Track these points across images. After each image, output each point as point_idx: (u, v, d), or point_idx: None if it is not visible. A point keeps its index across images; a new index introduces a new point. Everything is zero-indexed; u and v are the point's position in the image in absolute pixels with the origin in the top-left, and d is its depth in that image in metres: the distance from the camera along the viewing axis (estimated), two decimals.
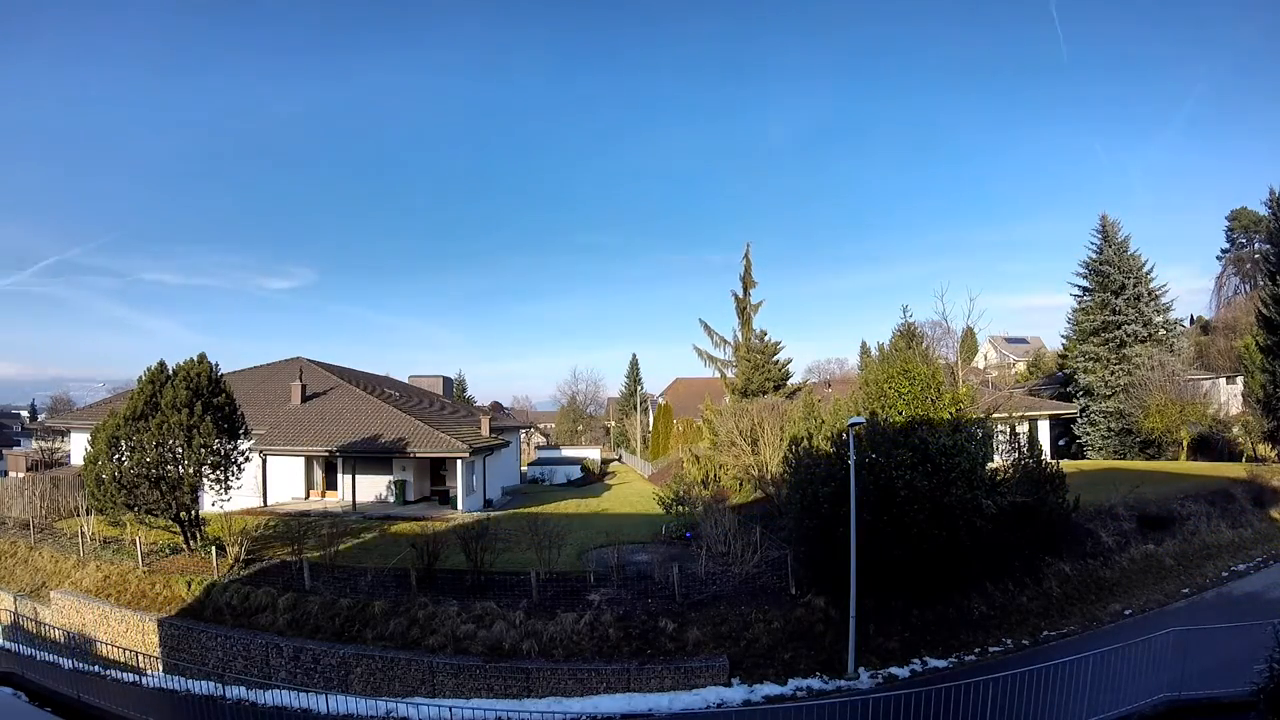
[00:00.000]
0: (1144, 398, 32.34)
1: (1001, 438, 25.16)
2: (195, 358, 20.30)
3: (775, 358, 40.09)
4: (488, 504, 29.92)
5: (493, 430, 34.32)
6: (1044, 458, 20.45)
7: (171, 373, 19.76)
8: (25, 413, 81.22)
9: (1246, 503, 21.44)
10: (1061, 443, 38.32)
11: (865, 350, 49.42)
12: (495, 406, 62.28)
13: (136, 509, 18.70)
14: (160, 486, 18.63)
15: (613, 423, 79.68)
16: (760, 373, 38.75)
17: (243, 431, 20.94)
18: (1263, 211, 39.46)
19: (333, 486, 28.54)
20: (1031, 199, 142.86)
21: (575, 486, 41.73)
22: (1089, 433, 36.82)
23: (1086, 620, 15.54)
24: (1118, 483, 22.21)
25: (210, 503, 19.90)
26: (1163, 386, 31.90)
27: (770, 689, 13.33)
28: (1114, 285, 36.37)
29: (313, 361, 34.27)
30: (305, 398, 30.23)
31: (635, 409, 69.40)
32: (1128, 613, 15.76)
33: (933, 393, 17.14)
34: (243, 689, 13.73)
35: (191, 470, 18.91)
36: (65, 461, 37.03)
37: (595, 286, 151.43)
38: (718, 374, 42.51)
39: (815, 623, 14.92)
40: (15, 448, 56.37)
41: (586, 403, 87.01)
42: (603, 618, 14.82)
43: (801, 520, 16.38)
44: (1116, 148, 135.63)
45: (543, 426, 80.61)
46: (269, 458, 27.21)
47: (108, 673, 14.50)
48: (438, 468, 29.84)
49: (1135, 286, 36.06)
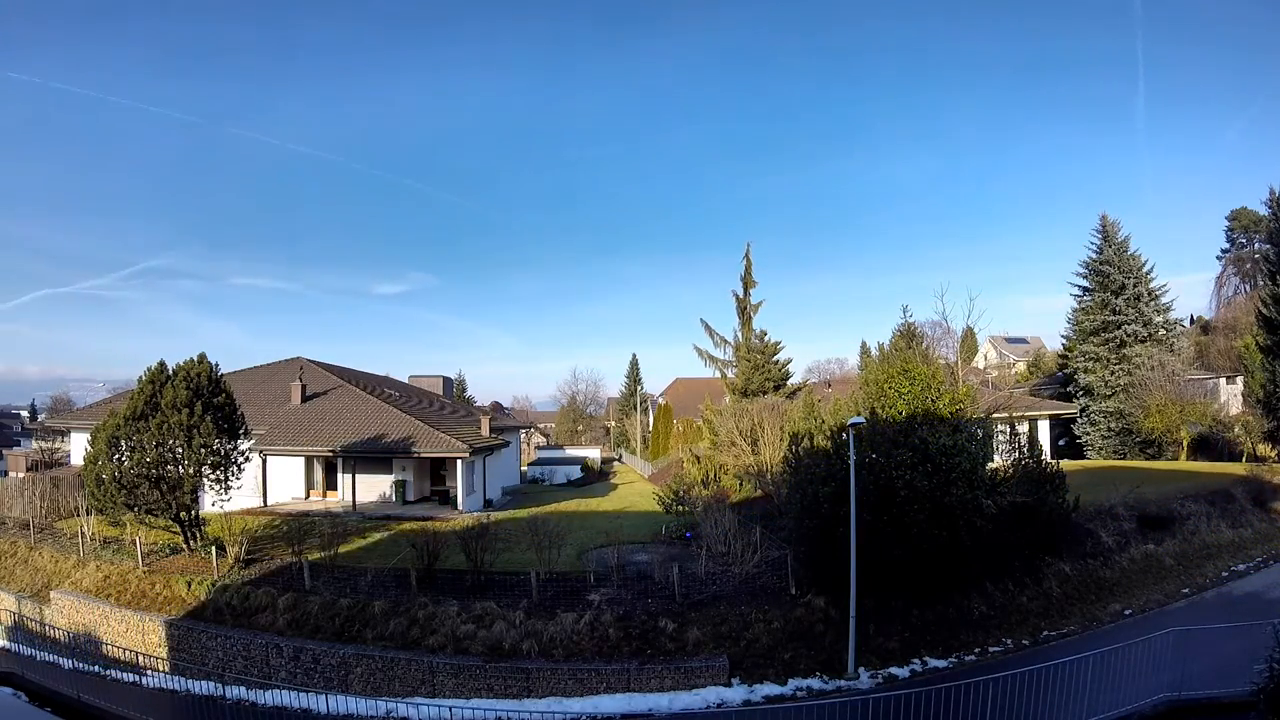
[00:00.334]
0: (1144, 397, 32.36)
1: (1001, 438, 25.17)
2: (195, 358, 20.32)
3: (775, 358, 40.11)
4: (488, 504, 29.91)
5: (493, 430, 34.34)
6: (1044, 458, 20.45)
7: (171, 373, 19.76)
8: (25, 413, 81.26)
9: (1246, 502, 21.45)
10: (1061, 443, 38.31)
11: (865, 350, 49.46)
12: (495, 406, 62.30)
13: (136, 509, 18.71)
14: (160, 486, 18.65)
15: (613, 423, 79.69)
16: (760, 373, 38.77)
17: (243, 431, 20.95)
18: (1263, 211, 39.55)
19: (333, 487, 28.55)
20: (1032, 199, 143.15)
21: (575, 486, 41.76)
22: (1089, 433, 36.82)
23: (1086, 620, 15.54)
24: (1118, 483, 22.19)
25: (210, 503, 19.91)
26: (1163, 386, 31.93)
27: (770, 689, 13.33)
28: (1114, 285, 36.37)
29: (313, 361, 34.29)
30: (305, 398, 30.24)
31: (635, 409, 69.39)
32: (1128, 613, 15.76)
33: (933, 393, 17.15)
34: (243, 689, 13.76)
35: (191, 470, 18.92)
36: (65, 461, 37.00)
37: (595, 286, 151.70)
38: (718, 374, 42.56)
39: (815, 623, 14.93)
40: (15, 448, 56.39)
41: (586, 403, 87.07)
42: (603, 618, 14.81)
43: (801, 520, 16.39)
44: (1116, 148, 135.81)
45: (543, 426, 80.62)
46: (269, 458, 27.21)
47: (108, 672, 14.52)
48: (438, 468, 29.86)
49: (1135, 286, 36.06)
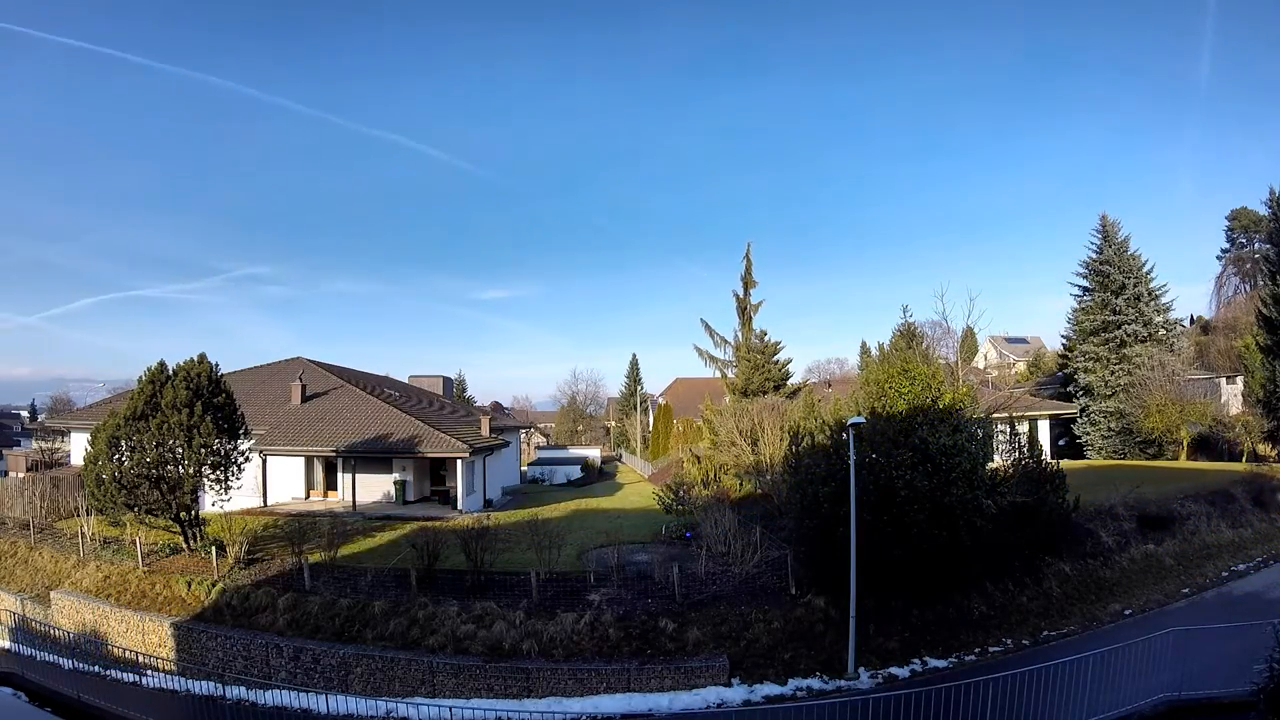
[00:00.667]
0: (1144, 397, 32.35)
1: (1001, 438, 25.11)
2: (195, 358, 20.32)
3: (775, 358, 40.08)
4: (488, 504, 29.92)
5: (493, 430, 34.34)
6: (1044, 458, 20.43)
7: (171, 373, 19.76)
8: (25, 413, 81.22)
9: (1246, 502, 21.45)
10: (1061, 443, 38.30)
11: (865, 350, 49.38)
12: (495, 406, 62.29)
13: (136, 509, 18.70)
14: (160, 486, 18.64)
15: (613, 423, 79.71)
16: (760, 373, 38.74)
17: (243, 431, 20.95)
18: (1263, 211, 39.50)
19: (333, 487, 28.56)
20: (1032, 198, 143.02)
21: (575, 486, 41.80)
22: (1089, 432, 36.80)
23: (1086, 620, 15.54)
24: (1118, 482, 22.20)
25: (210, 503, 19.91)
26: (1163, 386, 31.92)
27: (770, 689, 13.33)
28: (1114, 285, 36.35)
29: (313, 362, 34.27)
30: (305, 398, 30.24)
31: (635, 409, 69.39)
32: (1128, 613, 15.76)
33: (933, 393, 17.14)
34: (243, 689, 13.77)
35: (191, 470, 18.91)
36: (65, 462, 36.98)
37: (596, 286, 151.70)
38: (718, 374, 42.52)
39: (815, 623, 14.92)
40: (15, 448, 56.36)
41: (586, 403, 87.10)
42: (603, 618, 14.81)
43: (802, 520, 16.39)
44: (1116, 148, 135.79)
45: (543, 426, 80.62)
46: (269, 458, 27.21)
47: (108, 672, 14.52)
48: (438, 468, 29.87)
49: (1135, 286, 36.04)
